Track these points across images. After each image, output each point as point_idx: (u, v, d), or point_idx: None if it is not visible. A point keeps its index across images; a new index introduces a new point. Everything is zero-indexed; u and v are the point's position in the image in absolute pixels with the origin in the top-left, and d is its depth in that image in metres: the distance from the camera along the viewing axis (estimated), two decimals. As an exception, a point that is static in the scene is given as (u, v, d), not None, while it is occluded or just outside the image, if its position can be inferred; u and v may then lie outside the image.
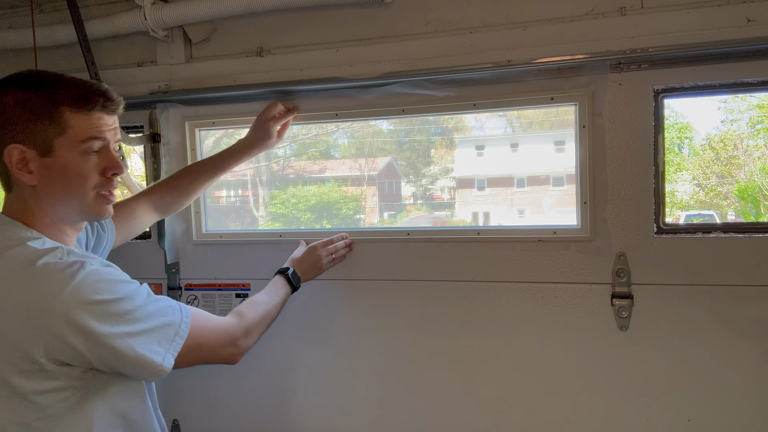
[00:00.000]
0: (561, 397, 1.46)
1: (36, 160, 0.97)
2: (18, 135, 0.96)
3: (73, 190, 1.00)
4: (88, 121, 0.99)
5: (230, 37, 1.66)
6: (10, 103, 0.96)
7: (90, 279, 0.92)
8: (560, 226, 1.46)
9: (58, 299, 0.88)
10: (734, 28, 1.26)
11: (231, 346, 1.13)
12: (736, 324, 1.34)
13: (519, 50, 1.39)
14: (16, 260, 0.92)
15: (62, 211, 1.03)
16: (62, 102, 0.97)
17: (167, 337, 0.98)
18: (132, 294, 0.96)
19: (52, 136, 0.97)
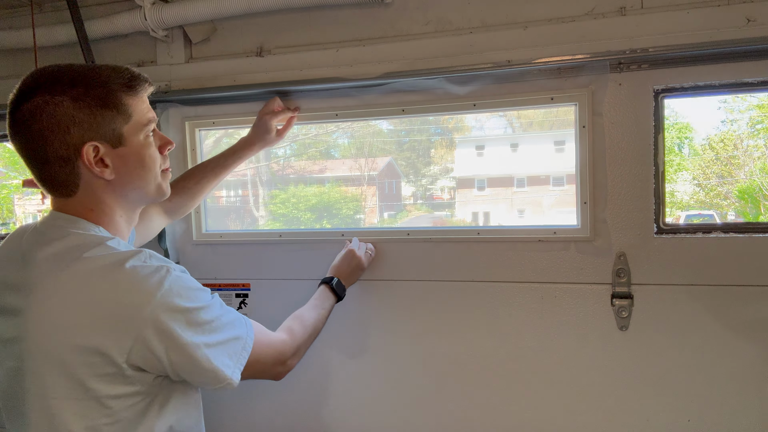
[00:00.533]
0: (561, 397, 1.46)
1: (110, 153, 0.95)
2: (87, 132, 0.92)
3: (147, 173, 1.00)
4: (143, 103, 0.99)
5: (230, 37, 1.66)
6: (68, 102, 0.91)
7: (176, 285, 0.90)
8: (560, 226, 1.46)
9: (149, 305, 0.87)
10: (734, 28, 1.26)
11: (281, 365, 1.11)
12: (736, 324, 1.34)
13: (519, 50, 1.39)
14: (99, 262, 0.90)
15: (134, 200, 1.02)
16: (118, 89, 0.95)
17: (236, 350, 0.97)
18: (211, 304, 0.95)
19: (121, 125, 0.95)
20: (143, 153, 0.98)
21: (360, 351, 1.61)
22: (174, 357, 0.89)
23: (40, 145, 0.92)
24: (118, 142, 0.95)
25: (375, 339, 1.59)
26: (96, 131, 0.93)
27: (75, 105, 0.91)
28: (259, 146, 1.55)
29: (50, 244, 0.94)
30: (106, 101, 0.93)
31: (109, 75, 0.95)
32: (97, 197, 0.98)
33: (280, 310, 1.58)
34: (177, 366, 0.90)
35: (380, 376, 1.59)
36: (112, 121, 0.94)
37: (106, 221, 0.99)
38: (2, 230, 5.98)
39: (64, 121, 0.91)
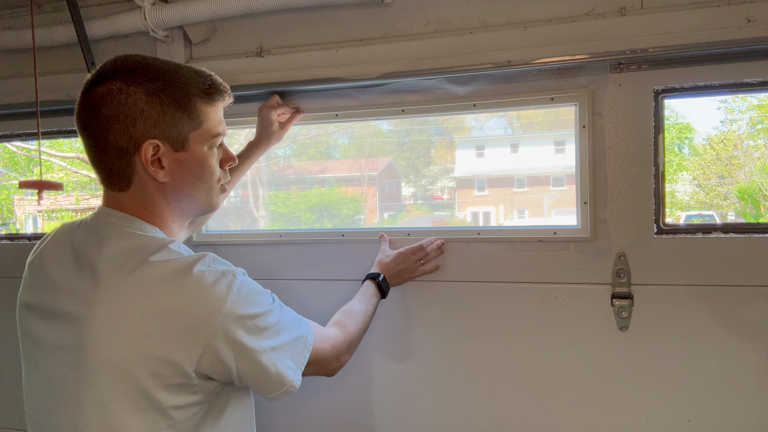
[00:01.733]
0: (561, 397, 1.46)
1: (169, 155, 0.92)
2: (152, 129, 0.90)
3: (202, 184, 0.98)
4: (217, 115, 0.97)
5: (230, 37, 1.66)
6: (141, 95, 0.89)
7: (243, 291, 0.89)
8: (560, 226, 1.46)
9: (220, 313, 0.85)
10: (734, 28, 1.25)
11: (336, 361, 1.10)
12: (736, 324, 1.34)
13: (519, 50, 1.39)
14: (166, 267, 0.86)
15: (185, 207, 0.99)
16: (194, 93, 0.93)
17: (298, 350, 0.96)
18: (273, 307, 0.95)
19: (188, 130, 0.93)
20: (203, 163, 0.96)
21: (357, 350, 1.61)
22: (241, 364, 0.87)
23: (103, 130, 0.89)
24: (180, 146, 0.93)
25: (371, 338, 1.59)
26: (161, 130, 0.90)
27: (148, 99, 0.89)
28: (265, 142, 1.54)
29: (108, 245, 0.89)
30: (180, 102, 0.91)
31: (191, 77, 0.94)
32: (149, 196, 0.95)
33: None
34: (243, 373, 0.88)
35: (376, 377, 1.59)
36: (180, 124, 0.92)
37: (160, 223, 0.96)
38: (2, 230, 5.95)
39: (132, 112, 0.88)
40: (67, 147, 8.98)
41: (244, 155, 1.52)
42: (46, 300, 0.93)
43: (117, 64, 0.91)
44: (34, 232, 2.09)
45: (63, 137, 1.98)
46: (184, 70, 0.94)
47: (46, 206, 10.64)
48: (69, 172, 9.31)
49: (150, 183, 0.94)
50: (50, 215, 11.67)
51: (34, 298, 0.96)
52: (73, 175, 9.55)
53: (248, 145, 1.55)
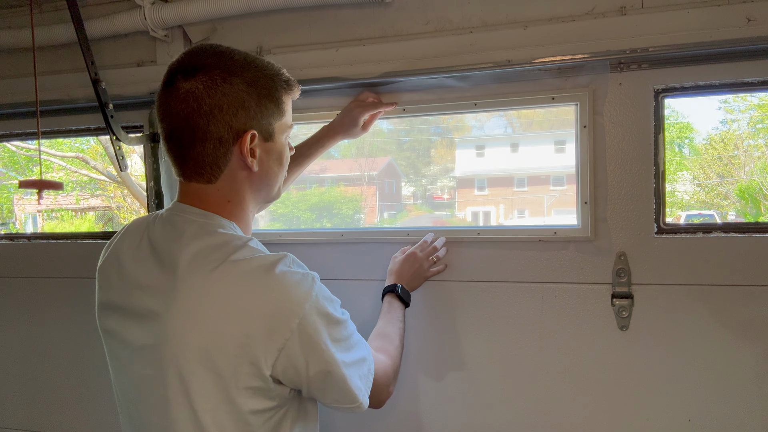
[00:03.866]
0: (561, 397, 1.46)
1: (261, 145, 0.94)
2: (251, 120, 0.91)
3: (281, 171, 1.01)
4: (290, 106, 1.00)
5: (230, 37, 1.66)
6: (242, 86, 0.89)
7: (321, 295, 0.88)
8: (561, 226, 1.46)
9: (299, 316, 0.84)
10: (734, 28, 1.25)
11: (386, 391, 1.07)
12: (736, 324, 1.34)
13: (519, 50, 1.39)
14: (248, 266, 0.85)
15: (263, 196, 1.02)
16: (280, 85, 0.95)
17: (365, 373, 0.94)
18: (347, 320, 0.93)
19: (275, 121, 0.95)
20: (283, 152, 1.00)
21: (360, 351, 1.61)
22: (313, 371, 0.86)
23: (204, 121, 0.88)
24: (269, 136, 0.95)
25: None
26: (258, 120, 0.92)
27: (247, 89, 0.90)
28: (342, 137, 1.51)
29: (190, 243, 0.88)
30: (271, 93, 0.94)
31: (273, 69, 0.96)
32: (236, 187, 0.95)
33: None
34: (313, 381, 0.87)
35: (380, 376, 1.59)
36: (270, 115, 0.94)
37: (240, 215, 0.97)
38: (2, 230, 5.94)
39: (235, 102, 0.89)
40: (66, 147, 8.98)
41: (320, 141, 1.50)
42: (128, 299, 0.92)
43: (210, 54, 0.91)
44: (34, 232, 2.09)
45: (63, 137, 1.99)
46: (266, 62, 0.96)
47: (46, 206, 10.64)
48: (69, 171, 9.31)
49: (240, 173, 0.94)
50: (50, 215, 11.66)
51: (114, 298, 0.94)
52: (73, 174, 9.55)
53: (324, 130, 1.51)
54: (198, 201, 0.94)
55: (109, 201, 11.04)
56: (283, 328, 0.83)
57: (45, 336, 1.89)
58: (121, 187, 10.01)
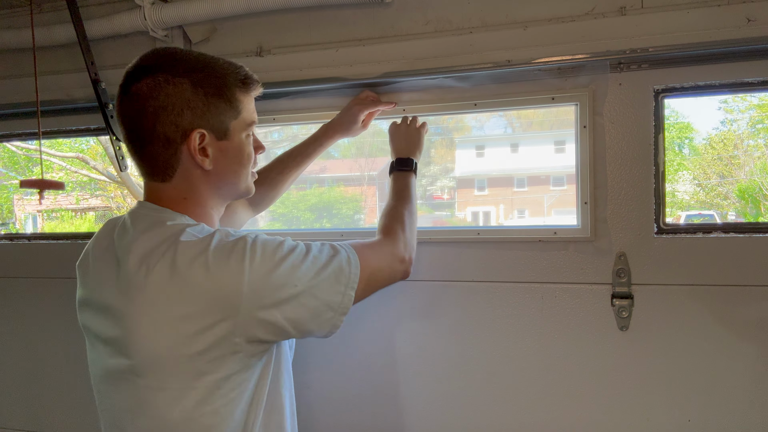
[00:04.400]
0: (560, 397, 1.46)
1: (213, 143, 0.96)
2: (198, 119, 0.94)
3: (242, 170, 1.02)
4: (251, 103, 1.01)
5: (230, 37, 1.66)
6: (187, 85, 0.93)
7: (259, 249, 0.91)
8: (560, 226, 1.46)
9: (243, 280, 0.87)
10: (734, 28, 1.25)
11: (399, 264, 1.11)
12: (736, 324, 1.34)
13: (519, 50, 1.39)
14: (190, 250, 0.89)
15: (225, 194, 1.04)
16: (233, 83, 0.97)
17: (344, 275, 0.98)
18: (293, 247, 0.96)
19: (229, 119, 0.97)
20: (243, 150, 1.01)
21: (357, 350, 1.61)
22: (290, 314, 0.90)
23: (151, 122, 0.92)
24: (223, 134, 0.97)
25: (373, 339, 1.59)
26: (206, 119, 0.94)
27: (193, 89, 0.93)
28: (342, 135, 1.52)
29: (138, 237, 0.92)
30: (221, 92, 0.95)
31: (227, 68, 0.98)
32: (192, 185, 0.98)
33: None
34: (297, 322, 0.92)
35: (376, 378, 1.59)
36: (222, 113, 0.96)
37: (199, 211, 1.00)
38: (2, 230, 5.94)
39: (179, 102, 0.92)
40: (67, 147, 8.98)
41: (318, 140, 1.50)
42: (95, 295, 0.97)
43: (159, 57, 0.95)
44: (34, 232, 2.09)
45: (63, 137, 1.99)
46: (221, 61, 0.99)
47: (46, 206, 10.64)
48: (69, 171, 9.31)
49: (194, 172, 0.97)
50: (50, 215, 11.65)
51: (85, 294, 1.00)
52: (73, 174, 9.54)
53: (323, 129, 1.51)
54: (156, 199, 0.99)
55: (109, 201, 11.05)
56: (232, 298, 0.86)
57: (45, 336, 1.89)
58: (121, 187, 10.01)
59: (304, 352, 1.65)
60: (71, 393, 1.87)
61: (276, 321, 0.90)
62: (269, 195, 1.49)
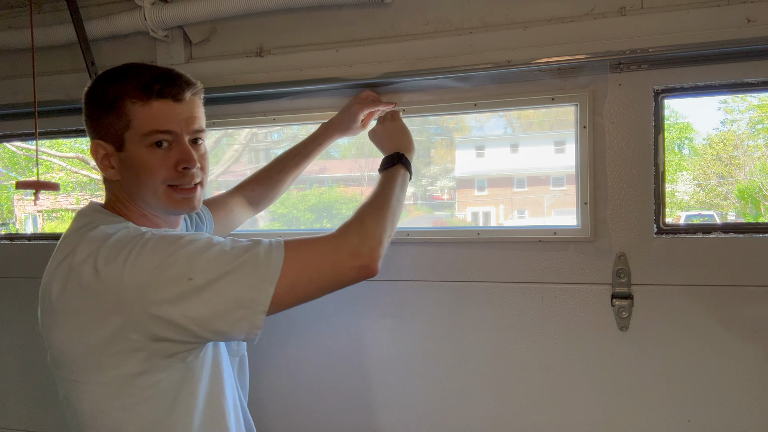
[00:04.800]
0: (560, 397, 1.46)
1: (114, 155, 0.97)
2: (96, 131, 0.97)
3: (143, 185, 0.97)
4: (149, 113, 0.94)
5: (230, 37, 1.66)
6: (86, 99, 0.98)
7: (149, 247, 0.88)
8: (560, 226, 1.46)
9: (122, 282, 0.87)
10: (734, 28, 1.25)
11: (353, 257, 0.95)
12: (736, 324, 1.34)
13: (519, 50, 1.39)
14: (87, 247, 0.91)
15: (144, 206, 1.01)
16: (124, 93, 0.94)
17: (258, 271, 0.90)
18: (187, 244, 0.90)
19: (122, 131, 0.95)
20: (138, 163, 0.96)
21: (358, 350, 1.61)
22: (191, 312, 0.85)
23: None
24: (120, 146, 0.96)
25: (373, 339, 1.59)
26: (99, 131, 0.97)
27: (89, 104, 0.98)
28: (341, 134, 1.50)
29: (66, 233, 0.97)
30: (108, 103, 0.95)
31: (127, 77, 0.95)
32: (113, 193, 1.02)
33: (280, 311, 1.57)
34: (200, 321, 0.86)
35: (377, 378, 1.59)
36: (112, 125, 0.95)
37: (134, 215, 1.01)
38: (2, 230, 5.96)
39: (85, 116, 0.99)
40: (66, 147, 8.97)
41: (317, 140, 1.49)
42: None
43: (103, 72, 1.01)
44: (34, 232, 2.09)
45: (62, 137, 1.99)
46: (124, 69, 0.97)
47: (46, 206, 10.64)
48: (69, 172, 9.31)
49: (108, 181, 1.02)
50: (50, 215, 11.66)
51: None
52: (73, 175, 9.54)
53: (322, 128, 1.50)
54: (106, 201, 1.05)
55: (109, 201, 11.01)
56: (116, 292, 0.86)
57: (45, 336, 1.89)
58: (121, 188, 9.96)
59: (303, 352, 1.65)
60: (71, 393, 1.87)
61: (173, 318, 0.85)
62: (269, 194, 1.49)
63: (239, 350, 1.17)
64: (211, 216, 1.35)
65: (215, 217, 1.36)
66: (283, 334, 1.66)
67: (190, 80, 0.99)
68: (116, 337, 0.86)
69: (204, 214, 1.34)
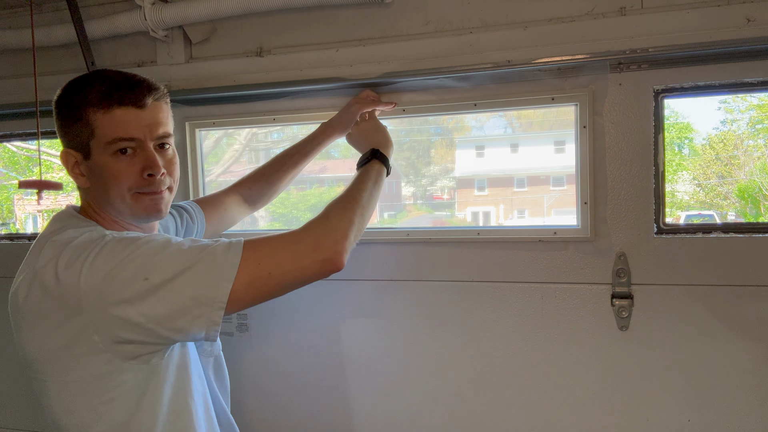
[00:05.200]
0: (560, 397, 1.46)
1: (83, 163, 0.98)
2: (65, 139, 0.98)
3: (110, 192, 0.97)
4: (111, 121, 0.94)
5: (230, 37, 1.66)
6: (54, 110, 0.99)
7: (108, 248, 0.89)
8: (560, 226, 1.46)
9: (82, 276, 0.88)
10: (734, 28, 1.25)
11: (316, 251, 0.93)
12: (736, 324, 1.34)
13: (519, 50, 1.39)
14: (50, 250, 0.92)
15: (114, 212, 1.01)
16: (87, 102, 0.94)
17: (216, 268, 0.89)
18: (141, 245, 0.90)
19: (87, 139, 0.95)
20: (104, 170, 0.96)
21: (358, 350, 1.61)
22: (148, 310, 0.86)
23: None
24: (87, 154, 0.97)
25: (373, 339, 1.59)
26: (67, 140, 0.98)
27: (57, 113, 1.00)
28: (340, 133, 1.49)
29: (38, 237, 0.98)
30: (71, 112, 0.97)
31: (90, 85, 0.96)
32: (84, 199, 1.03)
33: (280, 311, 1.58)
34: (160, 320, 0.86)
35: (378, 378, 1.59)
36: (78, 134, 0.97)
37: (106, 220, 1.02)
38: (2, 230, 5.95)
39: (55, 126, 1.00)
40: (66, 147, 8.95)
41: (316, 139, 1.49)
42: None
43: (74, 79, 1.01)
44: (34, 232, 2.09)
45: (63, 137, 1.98)
46: (87, 78, 0.98)
47: (46, 206, 10.64)
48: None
49: (82, 187, 1.02)
50: (50, 215, 11.62)
51: None
52: (73, 175, 9.52)
53: (322, 128, 1.49)
54: (81, 207, 1.05)
55: (109, 201, 11.02)
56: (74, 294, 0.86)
57: (45, 336, 1.89)
58: (121, 188, 9.97)
59: (303, 352, 1.65)
60: (71, 393, 1.87)
61: (132, 318, 0.85)
62: (266, 193, 1.49)
63: (213, 350, 1.16)
64: (203, 215, 1.34)
65: (207, 216, 1.35)
66: (283, 333, 1.66)
67: (152, 85, 0.98)
68: (79, 339, 0.88)
69: (195, 213, 1.34)
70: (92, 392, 0.91)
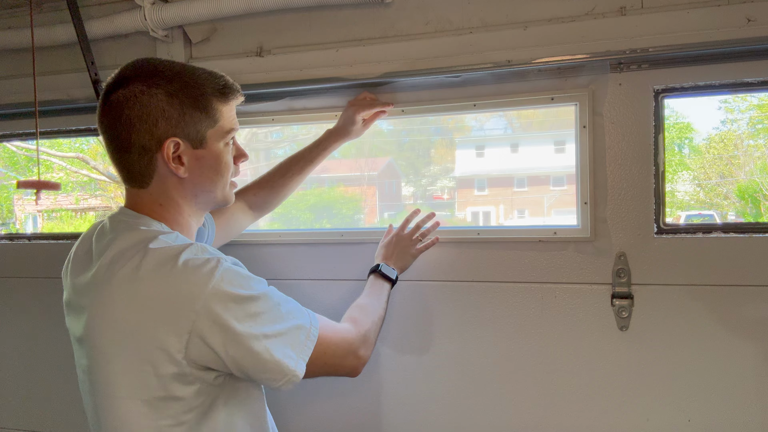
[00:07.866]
0: (561, 397, 1.46)
1: (189, 152, 0.97)
2: (173, 128, 0.95)
3: (219, 179, 1.03)
4: (230, 112, 1.03)
5: (230, 37, 1.66)
6: (162, 96, 0.94)
7: (228, 275, 0.89)
8: (560, 226, 1.46)
9: (201, 297, 0.86)
10: (734, 28, 1.25)
11: (353, 357, 1.07)
12: (736, 324, 1.34)
13: (519, 50, 1.39)
14: (157, 257, 0.89)
15: (202, 202, 1.04)
16: (210, 93, 0.98)
17: (299, 341, 0.95)
18: (266, 294, 0.94)
19: (206, 128, 0.98)
20: (219, 159, 1.01)
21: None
22: (232, 350, 0.87)
23: (126, 131, 0.94)
24: (199, 143, 0.98)
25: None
26: (181, 129, 0.96)
27: (168, 100, 0.94)
28: (344, 138, 1.52)
29: (113, 241, 0.95)
30: (197, 102, 0.96)
31: (206, 78, 0.99)
32: (167, 193, 1.00)
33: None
34: (236, 360, 0.88)
35: (378, 378, 1.59)
36: (198, 123, 0.97)
37: (173, 218, 1.01)
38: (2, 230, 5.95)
39: (154, 112, 0.93)
40: (66, 147, 8.97)
41: (321, 145, 1.50)
42: (71, 296, 1.00)
43: (137, 68, 0.96)
44: (34, 232, 2.09)
45: (62, 137, 1.98)
46: (199, 72, 1.00)
47: (46, 206, 10.64)
48: (69, 171, 9.31)
49: (170, 179, 0.98)
50: (50, 215, 11.66)
51: (67, 296, 1.02)
52: (73, 175, 9.54)
53: (326, 134, 1.52)
54: (134, 204, 1.01)
55: (109, 201, 11.05)
56: (186, 311, 0.86)
57: (45, 336, 1.89)
58: (121, 187, 10.00)
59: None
60: (71, 393, 1.87)
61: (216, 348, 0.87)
62: (271, 200, 1.49)
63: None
64: (213, 221, 1.34)
65: (216, 223, 1.36)
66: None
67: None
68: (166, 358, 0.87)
69: (207, 219, 1.34)
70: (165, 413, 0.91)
